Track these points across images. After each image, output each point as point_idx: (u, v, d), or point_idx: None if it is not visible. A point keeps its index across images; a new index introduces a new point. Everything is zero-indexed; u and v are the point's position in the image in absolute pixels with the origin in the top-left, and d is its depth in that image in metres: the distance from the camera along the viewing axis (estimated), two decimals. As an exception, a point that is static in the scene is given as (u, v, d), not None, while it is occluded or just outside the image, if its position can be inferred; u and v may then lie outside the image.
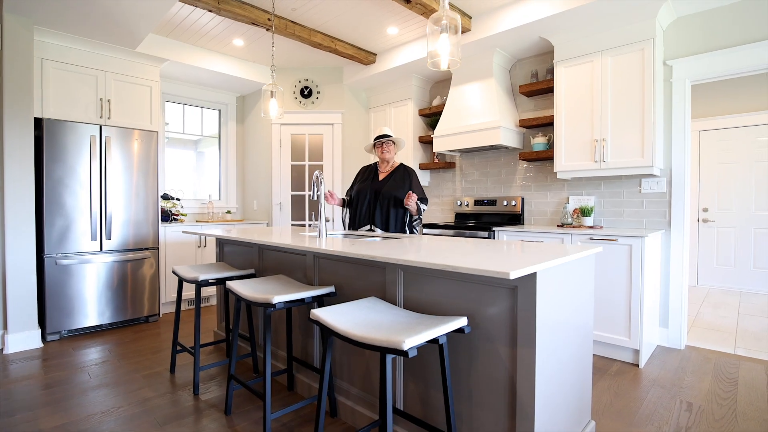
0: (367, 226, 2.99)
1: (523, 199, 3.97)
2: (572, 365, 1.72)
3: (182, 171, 5.02)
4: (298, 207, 5.06)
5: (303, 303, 1.94)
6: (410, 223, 2.99)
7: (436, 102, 4.54)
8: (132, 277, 3.76)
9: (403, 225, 2.96)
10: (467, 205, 4.32)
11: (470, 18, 3.60)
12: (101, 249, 3.58)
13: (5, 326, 3.10)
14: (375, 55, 4.49)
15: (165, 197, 4.49)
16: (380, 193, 2.97)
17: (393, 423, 1.86)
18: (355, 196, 3.09)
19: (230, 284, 2.11)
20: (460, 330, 1.45)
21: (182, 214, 4.61)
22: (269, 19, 3.49)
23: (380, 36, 4.04)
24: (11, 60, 3.06)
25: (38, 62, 3.36)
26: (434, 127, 4.48)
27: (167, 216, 4.39)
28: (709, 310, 4.21)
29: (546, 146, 3.69)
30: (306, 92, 4.90)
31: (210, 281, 2.45)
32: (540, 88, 3.67)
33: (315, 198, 2.53)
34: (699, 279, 5.42)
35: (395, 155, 3.12)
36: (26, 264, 3.14)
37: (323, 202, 2.59)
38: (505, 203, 4.01)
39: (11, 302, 3.08)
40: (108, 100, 3.69)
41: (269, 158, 4.97)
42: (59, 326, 3.38)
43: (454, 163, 4.51)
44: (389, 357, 1.31)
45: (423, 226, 4.04)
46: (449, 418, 1.45)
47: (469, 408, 1.61)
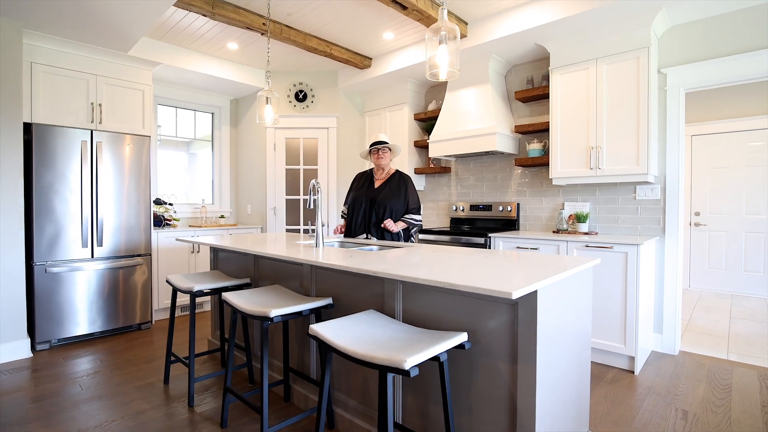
0: (363, 235, 2.98)
1: (519, 205, 3.98)
2: (571, 376, 1.72)
3: (174, 173, 4.96)
4: (293, 211, 5.03)
5: (300, 315, 1.92)
6: (406, 231, 2.98)
7: (432, 106, 4.53)
8: (124, 285, 3.70)
9: (400, 234, 2.95)
10: (463, 210, 4.31)
11: (466, 24, 3.59)
12: (92, 256, 3.52)
13: (-6, 336, 3.04)
14: (370, 60, 4.47)
15: (157, 202, 4.43)
16: (376, 201, 2.95)
17: (392, 436, 1.85)
18: (351, 204, 3.06)
19: (226, 296, 2.09)
20: (461, 346, 1.44)
21: (175, 219, 4.55)
22: (264, 24, 3.46)
23: (376, 41, 4.03)
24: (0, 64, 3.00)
25: (27, 66, 3.29)
26: (430, 132, 4.47)
27: (160, 221, 4.34)
28: (702, 314, 4.26)
29: (541, 152, 3.70)
30: (301, 96, 4.87)
31: (205, 292, 2.42)
32: (535, 95, 3.67)
33: (311, 207, 2.51)
34: (691, 282, 5.48)
35: (391, 162, 3.11)
36: (15, 272, 3.07)
37: (320, 212, 2.57)
38: (501, 209, 4.01)
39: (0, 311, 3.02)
40: (99, 105, 3.63)
41: (263, 162, 4.93)
42: (49, 335, 3.31)
43: (450, 168, 4.51)
44: (390, 376, 1.30)
45: (418, 231, 4.03)
46: (450, 435, 1.44)
47: (469, 423, 1.60)
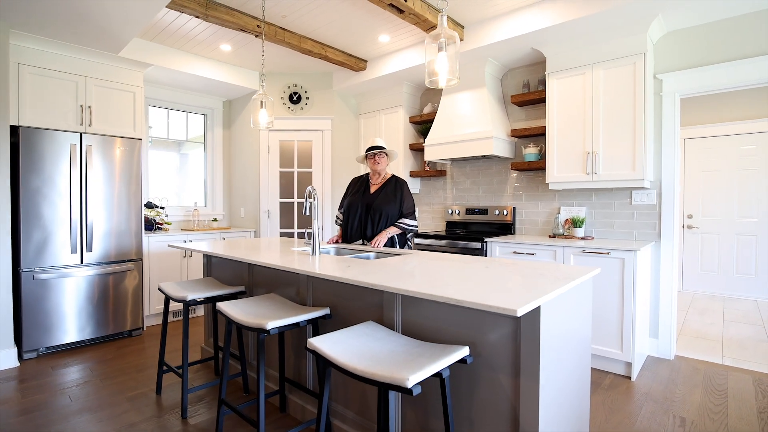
0: (359, 241, 2.94)
1: (515, 209, 3.97)
2: (573, 385, 1.70)
3: (165, 174, 4.87)
4: (287, 215, 4.97)
5: (297, 326, 1.88)
6: (402, 236, 2.95)
7: (427, 109, 4.51)
8: (114, 291, 3.62)
9: (395, 239, 2.91)
10: (458, 214, 4.30)
11: (463, 28, 3.57)
12: (81, 262, 3.45)
13: (-21, 345, 2.95)
14: (365, 62, 4.43)
15: (149, 206, 4.36)
16: (371, 207, 2.91)
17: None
18: (346, 210, 3.03)
19: (221, 306, 2.04)
20: (462, 360, 1.42)
21: (167, 223, 4.48)
22: (259, 26, 3.41)
23: (371, 43, 3.99)
24: (-15, 66, 2.92)
25: (14, 67, 3.20)
26: (425, 135, 4.45)
27: (151, 225, 4.26)
28: (696, 317, 4.28)
29: (538, 156, 3.69)
30: (295, 98, 4.81)
31: (199, 301, 2.36)
32: (532, 99, 3.66)
33: (307, 213, 2.47)
34: (684, 284, 5.52)
35: (387, 167, 3.08)
36: (1, 279, 2.98)
37: (317, 219, 2.52)
38: (497, 212, 4.00)
39: (-15, 320, 2.94)
40: (89, 107, 3.55)
41: (257, 165, 4.87)
42: (37, 344, 3.23)
43: (445, 171, 4.49)
44: (392, 393, 1.27)
45: (414, 235, 4.00)
46: (451, 452, 1.41)
47: (470, 437, 1.58)
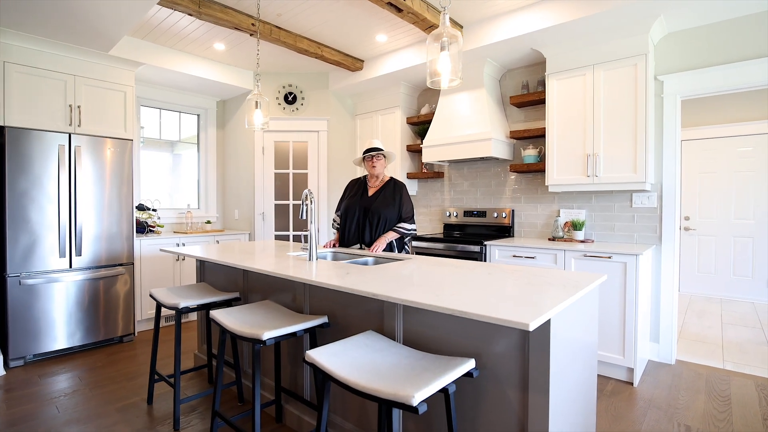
0: (357, 245, 2.87)
1: (513, 211, 3.92)
2: (580, 395, 1.65)
3: (158, 175, 4.77)
4: (282, 217, 4.89)
5: (294, 336, 1.81)
6: (400, 240, 2.89)
7: (425, 110, 4.45)
8: (105, 296, 3.53)
9: (393, 243, 2.85)
10: (456, 216, 4.24)
11: (461, 27, 3.52)
12: (70, 266, 3.35)
13: (-38, 354, 2.85)
14: (362, 62, 4.37)
15: (140, 208, 4.26)
16: (369, 211, 2.85)
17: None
18: (344, 213, 2.96)
19: (214, 315, 1.96)
20: (468, 374, 1.36)
21: (159, 226, 4.38)
22: (253, 25, 3.33)
23: (368, 43, 3.92)
24: (-32, 64, 2.81)
25: (0, 65, 3.10)
26: (422, 136, 4.39)
27: (143, 228, 4.16)
28: (694, 320, 4.26)
29: (537, 158, 3.64)
30: (290, 98, 4.73)
31: (191, 308, 2.29)
32: (531, 100, 3.62)
33: (304, 217, 2.40)
34: (681, 286, 5.51)
35: (385, 169, 3.01)
36: (-14, 285, 2.89)
37: (314, 224, 2.45)
38: (495, 215, 3.95)
39: (-31, 327, 2.83)
40: (78, 107, 3.45)
41: (251, 166, 4.78)
42: (24, 351, 3.13)
43: (443, 173, 4.43)
44: (396, 411, 1.20)
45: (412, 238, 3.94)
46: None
47: (475, 452, 1.52)
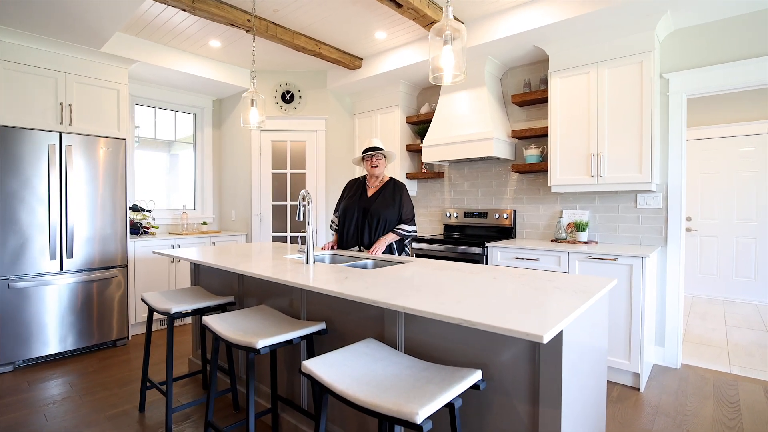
0: (356, 247, 2.80)
1: (515, 212, 3.85)
2: (591, 403, 1.58)
3: (154, 176, 4.68)
4: (279, 218, 4.81)
5: (290, 344, 1.74)
6: (400, 242, 2.81)
7: (425, 109, 4.37)
8: (98, 299, 3.44)
9: (393, 245, 2.78)
10: (456, 217, 4.17)
11: (462, 24, 3.43)
12: (61, 269, 3.26)
13: (-51, 359, 2.76)
14: (361, 60, 4.29)
15: (134, 209, 4.17)
16: (369, 212, 2.77)
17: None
18: (342, 214, 2.88)
19: (207, 321, 1.88)
20: (475, 386, 1.28)
21: (154, 227, 4.29)
22: (249, 21, 3.25)
23: (367, 40, 3.85)
24: (-46, 60, 2.72)
25: (-12, 62, 3.02)
26: (422, 135, 4.32)
27: (137, 229, 4.08)
28: (698, 322, 4.20)
29: (539, 158, 3.57)
30: (288, 97, 4.65)
31: (184, 313, 2.20)
32: (533, 98, 3.54)
33: (301, 219, 2.32)
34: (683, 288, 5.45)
35: (385, 169, 2.94)
36: (-27, 289, 2.80)
37: (311, 226, 2.38)
38: (496, 216, 3.87)
39: (-45, 333, 2.75)
40: (69, 105, 3.36)
41: (248, 166, 4.70)
42: (13, 356, 3.04)
43: (443, 173, 4.36)
44: (399, 429, 1.13)
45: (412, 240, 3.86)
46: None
47: (481, 467, 1.44)
